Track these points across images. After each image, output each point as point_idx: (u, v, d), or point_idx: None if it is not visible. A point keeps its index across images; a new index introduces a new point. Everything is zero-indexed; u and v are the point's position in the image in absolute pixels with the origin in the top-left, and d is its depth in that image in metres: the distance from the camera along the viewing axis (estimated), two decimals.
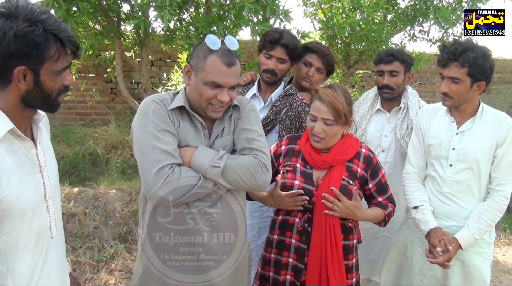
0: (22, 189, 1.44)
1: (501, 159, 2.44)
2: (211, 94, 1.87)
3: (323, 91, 2.22)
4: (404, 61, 2.99)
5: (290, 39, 2.72)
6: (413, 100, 3.04)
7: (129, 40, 5.10)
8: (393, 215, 2.39)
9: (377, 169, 2.35)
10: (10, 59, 1.36)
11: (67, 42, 1.43)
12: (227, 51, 1.88)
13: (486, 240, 2.56)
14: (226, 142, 2.02)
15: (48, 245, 1.59)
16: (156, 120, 1.86)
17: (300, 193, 2.21)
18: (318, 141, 2.24)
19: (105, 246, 4.06)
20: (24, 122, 1.51)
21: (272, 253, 2.36)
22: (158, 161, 1.80)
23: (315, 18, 6.17)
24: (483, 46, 2.38)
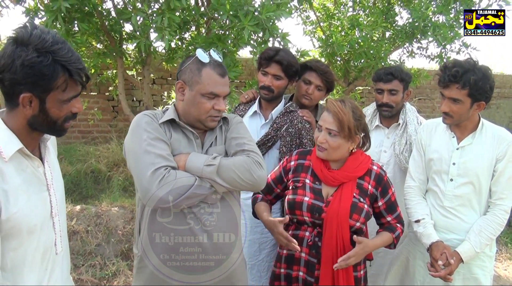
0: (30, 206, 1.47)
1: (501, 174, 2.47)
2: (209, 105, 1.96)
3: (331, 102, 2.25)
4: (403, 79, 3.04)
5: (285, 56, 2.78)
6: (411, 116, 3.09)
7: (131, 59, 5.15)
8: (401, 235, 2.39)
9: (387, 187, 2.35)
10: (17, 85, 1.39)
11: (75, 74, 1.44)
12: (218, 63, 1.98)
13: (487, 254, 2.58)
14: (220, 151, 2.06)
15: (53, 262, 1.61)
16: (149, 129, 1.91)
17: (297, 247, 2.18)
18: (321, 150, 2.26)
19: (107, 264, 4.06)
20: (32, 142, 1.55)
21: (282, 268, 2.37)
22: (154, 164, 1.82)
23: (314, 36, 6.24)
24: (484, 66, 2.43)
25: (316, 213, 2.23)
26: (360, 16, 5.68)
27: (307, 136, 2.80)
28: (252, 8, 3.55)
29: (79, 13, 3.83)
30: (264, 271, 2.87)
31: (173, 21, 3.54)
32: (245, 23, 3.51)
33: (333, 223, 2.19)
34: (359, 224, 2.22)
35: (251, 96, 3.09)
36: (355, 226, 2.21)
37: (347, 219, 2.19)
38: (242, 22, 3.53)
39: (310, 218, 2.25)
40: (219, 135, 2.10)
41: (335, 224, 2.19)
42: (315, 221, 2.25)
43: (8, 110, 1.48)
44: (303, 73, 3.00)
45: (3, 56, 1.38)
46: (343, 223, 2.18)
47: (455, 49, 5.72)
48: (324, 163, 2.32)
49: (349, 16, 5.65)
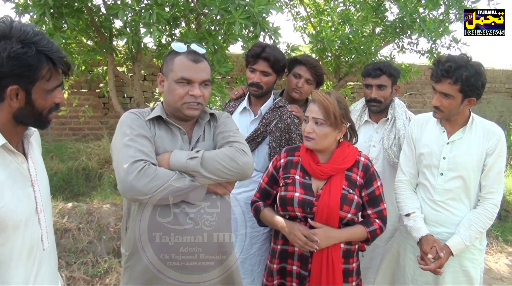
0: (15, 202, 1.47)
1: (491, 168, 2.50)
2: (182, 92, 1.96)
3: (316, 92, 2.30)
4: (391, 74, 3.06)
5: (271, 52, 2.80)
6: (400, 111, 3.12)
7: (122, 55, 5.12)
8: (380, 233, 2.37)
9: (372, 178, 2.36)
10: (3, 78, 1.40)
11: (58, 63, 1.47)
12: (192, 51, 2.00)
13: (477, 247, 2.61)
14: (207, 147, 2.07)
15: (40, 258, 1.61)
16: (133, 126, 1.93)
17: (317, 242, 2.18)
18: (308, 140, 2.29)
19: (99, 261, 4.04)
20: (15, 137, 1.55)
21: (275, 264, 2.38)
22: (133, 157, 1.82)
23: (305, 31, 6.24)
24: (477, 62, 2.45)
25: (307, 207, 2.25)
26: (350, 12, 5.68)
27: (296, 131, 2.82)
28: (243, 1, 3.54)
29: (68, 8, 3.80)
30: (256, 265, 2.88)
31: (162, 17, 3.53)
32: (236, 16, 3.50)
33: (323, 215, 2.22)
34: (350, 216, 2.24)
35: (241, 92, 3.11)
36: (346, 217, 2.24)
37: (337, 211, 2.21)
38: (233, 15, 3.52)
39: (302, 213, 2.27)
40: (207, 130, 2.12)
41: (325, 217, 2.22)
42: (307, 215, 2.26)
43: None
44: (293, 67, 3.03)
45: None
46: (333, 215, 2.21)
47: (446, 44, 5.75)
48: (312, 157, 2.34)
49: (339, 12, 5.66)
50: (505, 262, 5.26)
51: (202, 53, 2.03)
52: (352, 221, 2.29)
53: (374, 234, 2.33)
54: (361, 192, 2.34)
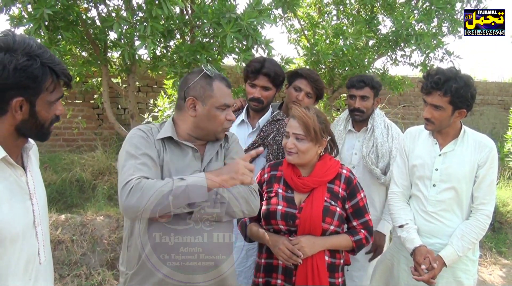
0: (12, 215, 1.47)
1: (483, 179, 2.53)
2: (223, 117, 2.03)
3: (295, 108, 2.34)
4: (373, 87, 3.22)
5: (271, 67, 2.82)
6: (379, 120, 3.28)
7: (116, 67, 5.13)
8: (366, 243, 2.39)
9: (355, 190, 2.38)
10: (8, 90, 1.41)
11: (61, 75, 1.50)
12: (222, 76, 2.06)
13: (470, 258, 2.63)
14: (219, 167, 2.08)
15: (37, 272, 1.60)
16: (139, 145, 1.93)
17: (300, 257, 2.21)
18: (290, 155, 2.32)
19: (93, 273, 4.03)
20: (15, 150, 1.55)
21: (260, 277, 2.40)
22: (128, 177, 1.82)
23: (299, 44, 6.29)
24: (466, 75, 2.49)
25: (290, 220, 2.27)
26: (344, 25, 5.75)
27: None
28: (234, 15, 3.58)
29: (63, 21, 3.82)
30: (251, 278, 2.87)
31: (156, 30, 3.55)
32: (227, 29, 3.54)
33: (306, 228, 2.24)
34: (333, 227, 2.27)
35: (239, 104, 3.13)
36: (329, 229, 2.26)
37: (319, 223, 2.24)
38: (224, 29, 3.55)
39: (285, 226, 2.29)
40: (220, 150, 2.14)
41: (308, 229, 2.24)
42: (290, 228, 2.28)
43: None
44: (294, 80, 3.04)
45: None
46: (316, 227, 2.24)
47: (438, 57, 5.80)
48: (294, 171, 2.37)
49: (333, 25, 5.71)
50: (499, 273, 5.27)
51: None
52: (335, 233, 2.31)
53: (359, 243, 2.35)
54: (344, 205, 2.36)
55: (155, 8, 3.49)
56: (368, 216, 2.41)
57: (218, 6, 3.66)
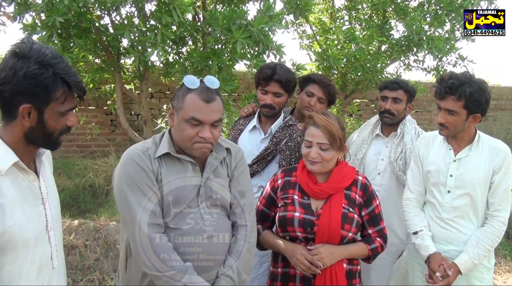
0: (25, 220, 1.48)
1: (498, 186, 2.50)
2: (191, 133, 1.88)
3: (317, 116, 2.25)
4: (407, 91, 3.13)
5: (283, 74, 2.81)
6: (410, 127, 3.15)
7: (129, 74, 5.18)
8: (381, 251, 2.36)
9: (371, 197, 2.35)
10: (17, 96, 1.43)
11: (74, 86, 1.50)
12: (205, 89, 1.90)
13: (485, 266, 2.59)
14: (223, 185, 2.06)
15: (50, 276, 1.62)
16: (132, 185, 1.91)
17: (319, 267, 2.17)
18: (313, 164, 2.25)
19: (106, 279, 4.04)
20: (27, 156, 1.56)
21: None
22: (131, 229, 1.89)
23: (311, 50, 6.29)
24: (480, 79, 2.47)
25: (308, 227, 2.21)
26: (356, 30, 5.74)
27: None
28: (244, 21, 3.59)
29: (76, 29, 3.87)
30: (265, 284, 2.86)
31: (167, 37, 3.58)
32: (238, 36, 3.55)
33: (325, 235, 2.20)
34: (351, 235, 2.22)
35: (251, 110, 3.12)
36: (347, 236, 2.21)
37: (338, 230, 2.18)
38: (235, 35, 3.56)
39: (302, 234, 2.23)
40: (220, 167, 2.08)
41: (326, 236, 2.20)
42: (307, 236, 2.23)
43: (5, 124, 1.50)
44: (306, 85, 3.03)
45: (4, 68, 1.42)
46: (334, 235, 2.19)
47: (452, 62, 5.77)
48: (310, 177, 2.32)
49: (345, 30, 5.70)
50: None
51: (215, 89, 1.95)
52: (353, 241, 2.28)
53: (375, 251, 2.32)
54: (360, 212, 2.32)
55: (165, 16, 3.52)
56: (383, 224, 2.37)
57: (228, 13, 3.68)
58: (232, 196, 2.10)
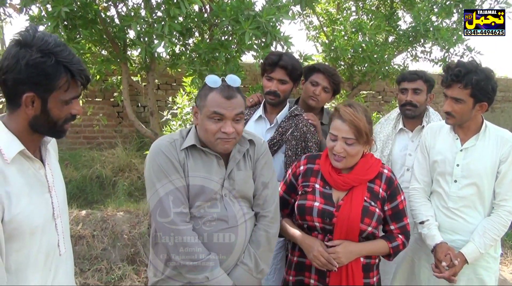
0: (32, 208, 1.50)
1: (505, 175, 2.49)
2: (214, 128, 1.95)
3: (344, 109, 2.17)
4: (427, 80, 3.10)
5: (288, 60, 2.80)
6: (435, 119, 3.12)
7: (135, 65, 5.18)
8: (403, 249, 2.32)
9: (396, 192, 2.28)
10: (20, 85, 1.43)
11: (77, 75, 1.50)
12: (226, 87, 1.98)
13: (492, 255, 2.60)
14: (246, 177, 2.12)
15: (57, 263, 1.64)
16: (160, 176, 1.98)
17: (335, 265, 2.15)
18: (338, 160, 2.20)
19: (113, 268, 4.08)
20: (33, 144, 1.57)
21: (291, 275, 2.36)
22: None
23: (318, 41, 6.27)
24: (486, 67, 2.46)
25: (327, 218, 2.19)
26: (363, 21, 5.70)
27: (312, 140, 2.82)
28: (252, 12, 3.57)
29: (82, 20, 3.87)
30: (271, 274, 2.86)
31: (174, 29, 3.57)
32: (246, 27, 3.54)
33: (343, 227, 2.16)
34: (371, 229, 2.19)
35: (256, 100, 3.11)
36: (366, 230, 2.18)
37: (358, 224, 2.15)
38: (243, 26, 3.56)
39: (321, 224, 2.21)
40: (243, 160, 2.13)
41: (345, 229, 2.16)
42: (325, 226, 2.21)
43: (10, 113, 1.52)
44: (310, 74, 3.04)
45: (7, 57, 1.43)
46: (353, 228, 2.16)
47: (459, 53, 5.73)
48: (333, 167, 2.26)
49: (352, 21, 5.68)
50: None
51: (236, 87, 2.02)
52: (372, 235, 2.24)
53: (396, 249, 2.28)
54: (383, 206, 2.27)
55: (173, 7, 3.51)
56: (407, 220, 2.31)
57: (236, 4, 3.67)
58: (255, 187, 2.15)
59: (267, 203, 2.15)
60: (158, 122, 5.15)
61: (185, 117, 5.37)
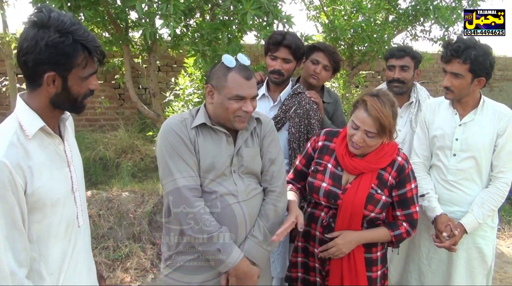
0: (53, 181, 1.56)
1: (502, 148, 2.57)
2: (236, 106, 2.00)
3: (371, 103, 2.14)
4: (414, 57, 3.13)
5: (292, 40, 2.84)
6: (423, 95, 3.19)
7: (137, 47, 5.21)
8: (407, 237, 2.34)
9: (405, 180, 2.28)
10: (41, 65, 1.48)
11: (94, 51, 1.54)
12: (243, 67, 2.03)
13: (489, 225, 2.70)
14: (254, 154, 2.16)
15: (76, 234, 1.71)
16: (173, 154, 2.02)
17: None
18: (356, 148, 2.22)
19: (120, 246, 4.18)
20: (53, 121, 1.63)
21: (300, 244, 2.45)
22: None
23: (318, 21, 6.29)
24: (485, 44, 2.52)
25: (332, 199, 2.26)
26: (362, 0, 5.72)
27: (315, 117, 2.88)
28: None
29: (85, 1, 3.89)
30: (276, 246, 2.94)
31: (178, 8, 3.60)
32: (248, 7, 3.57)
33: (348, 210, 2.23)
34: (374, 214, 2.24)
35: (259, 78, 3.14)
36: (369, 215, 2.24)
37: (361, 209, 2.21)
38: (245, 6, 3.59)
39: (326, 203, 2.30)
40: (251, 137, 2.18)
41: (349, 212, 2.23)
42: (330, 206, 2.30)
43: (30, 91, 1.57)
44: (311, 53, 3.09)
45: (26, 39, 1.47)
46: (357, 212, 2.22)
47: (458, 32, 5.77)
48: (348, 149, 2.29)
49: (352, 0, 5.69)
50: None
51: (249, 65, 2.08)
52: (376, 219, 2.28)
53: (399, 238, 2.30)
54: (391, 192, 2.28)
55: None
56: (415, 208, 2.30)
57: None
58: (262, 164, 2.20)
59: (274, 178, 2.20)
60: (160, 104, 5.20)
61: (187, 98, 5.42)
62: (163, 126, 2.09)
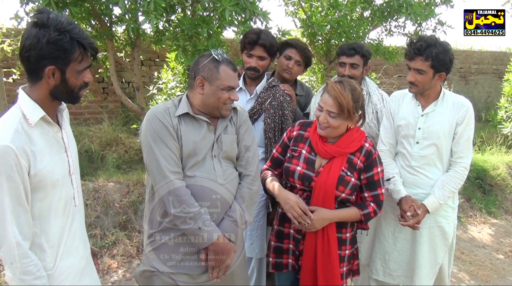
0: (52, 164, 1.77)
1: (461, 136, 2.81)
2: (226, 96, 2.23)
3: (332, 85, 2.38)
4: (363, 55, 3.29)
5: (267, 39, 3.05)
6: (373, 87, 3.39)
7: (121, 41, 5.32)
8: (374, 216, 2.52)
9: (373, 164, 2.49)
10: (42, 60, 1.68)
11: (88, 47, 1.75)
12: (229, 60, 2.26)
13: (450, 205, 2.95)
14: (232, 140, 2.35)
15: (73, 213, 1.92)
16: (157, 141, 2.17)
17: (310, 217, 2.39)
18: (322, 129, 2.44)
19: (107, 234, 4.33)
20: (51, 111, 1.83)
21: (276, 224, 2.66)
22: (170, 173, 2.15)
23: (296, 16, 6.44)
24: (445, 41, 2.75)
25: (306, 181, 2.47)
26: None
27: (288, 108, 3.10)
28: None
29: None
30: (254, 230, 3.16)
31: (159, 5, 3.75)
32: (225, 4, 3.74)
33: (321, 191, 2.43)
34: (344, 195, 2.43)
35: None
36: (341, 196, 2.43)
37: (333, 190, 2.41)
38: (223, 3, 3.75)
39: (301, 186, 2.50)
40: (230, 125, 2.37)
41: (323, 193, 2.43)
42: (305, 188, 2.50)
43: (31, 84, 1.76)
44: (284, 49, 3.31)
45: (28, 37, 1.66)
46: (329, 193, 2.42)
47: (431, 27, 5.96)
48: (321, 136, 2.50)
49: None
50: (487, 232, 5.61)
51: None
52: (347, 200, 2.48)
53: (367, 216, 2.49)
54: (360, 175, 2.49)
55: None
56: (381, 190, 2.51)
57: None
58: (238, 150, 2.38)
59: (249, 164, 2.38)
60: (144, 97, 5.33)
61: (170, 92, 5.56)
62: (148, 114, 2.24)
